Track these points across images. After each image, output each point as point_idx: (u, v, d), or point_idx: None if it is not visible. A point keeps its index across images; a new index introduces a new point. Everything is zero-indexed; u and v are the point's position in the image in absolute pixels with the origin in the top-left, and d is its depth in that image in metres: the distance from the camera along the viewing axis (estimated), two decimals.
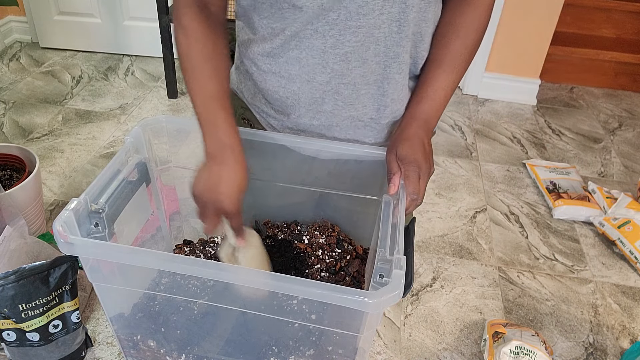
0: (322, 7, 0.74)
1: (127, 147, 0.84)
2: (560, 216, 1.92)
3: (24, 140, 2.13)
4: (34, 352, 1.14)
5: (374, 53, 0.80)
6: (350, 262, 0.94)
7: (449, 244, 1.78)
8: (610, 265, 1.74)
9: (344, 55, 0.79)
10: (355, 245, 0.99)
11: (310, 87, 0.84)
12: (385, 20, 0.76)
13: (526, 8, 2.44)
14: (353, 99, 0.85)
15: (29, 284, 1.05)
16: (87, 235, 0.74)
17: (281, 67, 0.84)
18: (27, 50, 2.86)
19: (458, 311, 1.52)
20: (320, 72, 0.82)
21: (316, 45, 0.79)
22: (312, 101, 0.86)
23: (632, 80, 2.89)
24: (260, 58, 0.86)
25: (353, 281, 0.92)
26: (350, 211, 0.99)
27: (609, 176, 2.22)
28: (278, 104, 0.89)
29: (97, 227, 0.76)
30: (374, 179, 0.89)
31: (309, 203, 0.99)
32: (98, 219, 0.75)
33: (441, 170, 2.14)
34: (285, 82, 0.85)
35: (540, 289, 1.62)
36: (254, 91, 0.92)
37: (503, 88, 2.69)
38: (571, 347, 1.45)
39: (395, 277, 0.65)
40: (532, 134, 2.46)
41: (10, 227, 1.17)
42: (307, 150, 0.91)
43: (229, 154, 0.75)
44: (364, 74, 0.82)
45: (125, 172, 0.82)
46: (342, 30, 0.76)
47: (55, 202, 1.81)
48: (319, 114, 0.87)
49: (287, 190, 0.96)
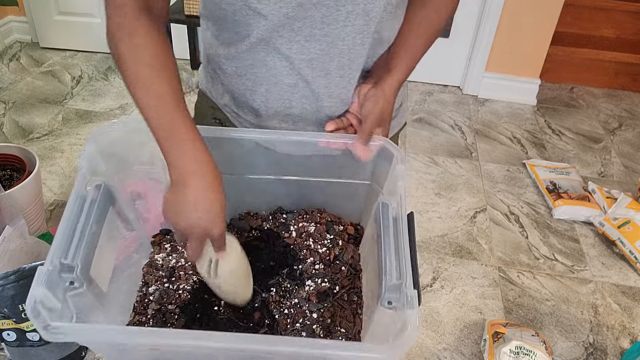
0: (286, 16, 0.74)
1: (84, 175, 0.75)
2: (560, 216, 1.92)
3: (24, 140, 2.13)
4: (34, 352, 1.14)
5: (337, 66, 0.80)
6: (344, 249, 0.93)
7: (449, 244, 1.78)
8: (610, 265, 1.74)
9: (309, 62, 0.79)
10: (345, 225, 0.97)
11: (278, 90, 0.83)
12: (349, 33, 0.77)
13: (526, 8, 2.44)
14: (318, 107, 0.86)
15: (29, 284, 1.05)
16: (63, 299, 0.66)
17: (247, 69, 0.83)
18: (27, 50, 2.86)
19: (458, 311, 1.52)
20: (287, 75, 0.81)
21: (282, 50, 0.78)
22: (280, 104, 0.85)
23: (632, 80, 2.89)
24: (225, 62, 0.84)
25: (350, 271, 0.90)
26: (338, 195, 0.97)
27: (609, 176, 2.22)
28: (247, 105, 0.88)
29: (73, 285, 0.68)
30: (364, 164, 0.88)
31: (293, 193, 0.97)
32: (73, 277, 0.68)
33: (441, 170, 2.14)
34: (252, 85, 0.84)
35: (540, 289, 1.62)
36: (223, 91, 0.91)
37: (503, 88, 2.69)
38: (571, 347, 1.45)
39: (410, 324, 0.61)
40: (532, 134, 2.46)
41: (10, 227, 1.17)
42: (282, 149, 0.90)
43: (204, 170, 0.68)
44: (327, 85, 0.83)
45: (86, 208, 0.74)
46: (307, 37, 0.76)
47: (55, 202, 1.81)
48: (287, 117, 0.87)
49: (268, 182, 0.93)
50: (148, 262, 0.89)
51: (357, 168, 0.90)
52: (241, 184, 0.93)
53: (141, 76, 0.69)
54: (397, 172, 0.80)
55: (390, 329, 0.68)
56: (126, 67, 0.69)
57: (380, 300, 0.69)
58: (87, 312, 0.72)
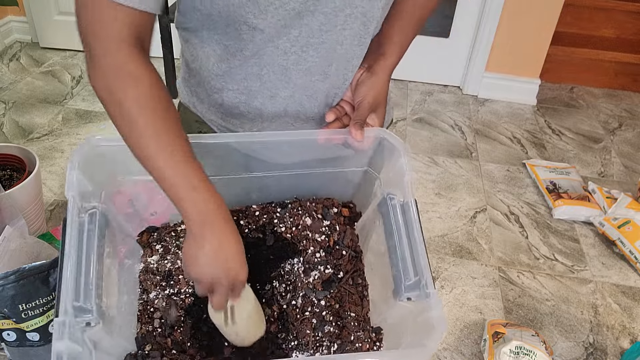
0: (283, 26, 0.70)
1: (74, 204, 0.72)
2: (560, 216, 1.92)
3: (24, 140, 2.13)
4: (34, 352, 1.14)
5: (335, 69, 0.78)
6: (342, 234, 0.92)
7: (449, 244, 1.78)
8: (610, 265, 1.74)
9: (307, 70, 0.76)
10: (339, 207, 0.96)
11: (274, 102, 0.80)
12: (347, 36, 0.74)
13: (526, 8, 2.44)
14: (314, 112, 0.84)
15: (29, 284, 1.05)
16: (82, 339, 0.65)
17: (239, 84, 0.78)
18: (27, 50, 2.86)
19: (458, 311, 1.52)
20: (283, 88, 0.78)
21: (277, 62, 0.74)
22: (274, 114, 0.82)
23: (632, 80, 2.89)
24: (215, 77, 0.79)
25: (351, 254, 0.90)
26: (329, 179, 0.95)
27: (609, 176, 2.22)
28: (238, 118, 0.84)
29: (89, 325, 0.67)
30: (361, 153, 0.87)
31: (284, 183, 0.95)
32: (89, 318, 0.66)
33: (441, 170, 2.14)
34: (246, 98, 0.80)
35: (540, 289, 1.62)
36: (209, 105, 0.85)
37: (503, 88, 2.69)
38: (571, 347, 1.45)
39: (440, 325, 0.63)
40: (532, 134, 2.46)
41: (10, 227, 1.17)
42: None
43: (220, 217, 0.65)
44: (327, 89, 0.81)
45: (85, 240, 0.71)
46: (304, 47, 0.73)
47: (55, 202, 1.81)
48: (281, 125, 0.85)
49: (258, 176, 0.89)
50: (143, 267, 0.87)
51: (353, 157, 0.88)
52: (230, 181, 0.91)
53: (151, 128, 0.63)
54: (401, 165, 0.79)
55: (409, 322, 0.69)
56: (131, 118, 0.63)
57: (398, 297, 0.70)
58: (101, 342, 0.71)
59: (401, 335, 0.74)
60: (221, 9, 0.68)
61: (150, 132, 0.63)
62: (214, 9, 0.68)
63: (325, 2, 0.69)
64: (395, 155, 0.82)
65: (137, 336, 0.80)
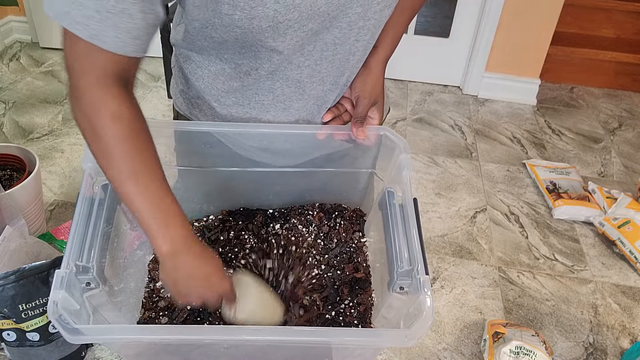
0: (300, 45, 0.70)
1: (89, 175, 0.75)
2: (560, 216, 1.92)
3: (24, 140, 2.13)
4: (34, 352, 1.14)
5: (347, 78, 0.80)
6: (349, 240, 0.94)
7: (449, 244, 1.78)
8: (610, 265, 1.74)
9: (320, 80, 0.77)
10: (345, 212, 0.97)
11: (287, 114, 0.80)
12: (359, 47, 0.75)
13: (526, 8, 2.44)
14: (324, 110, 0.84)
15: (29, 284, 1.05)
16: (81, 300, 0.68)
17: (251, 98, 0.78)
18: (27, 50, 2.86)
19: (458, 311, 1.52)
20: (297, 100, 0.78)
21: (291, 76, 0.74)
22: (286, 121, 0.83)
23: (632, 80, 2.89)
24: (225, 94, 0.79)
25: (355, 259, 0.91)
26: (338, 184, 0.96)
27: (609, 176, 2.22)
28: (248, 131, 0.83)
29: (89, 285, 0.70)
30: (365, 151, 0.88)
31: (293, 184, 0.96)
32: (89, 278, 0.70)
33: (441, 170, 2.14)
34: (257, 112, 0.80)
35: (540, 289, 1.62)
36: (213, 117, 0.84)
37: (503, 88, 2.69)
38: (571, 347, 1.45)
39: (426, 312, 0.64)
40: (532, 134, 2.46)
41: (10, 227, 1.17)
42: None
43: (189, 244, 0.67)
44: (336, 97, 0.82)
45: (95, 209, 0.74)
46: (318, 61, 0.73)
47: (55, 202, 1.81)
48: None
49: (267, 174, 0.90)
50: (153, 258, 0.91)
51: (358, 156, 0.89)
52: (238, 176, 0.91)
53: (127, 164, 0.64)
54: (401, 161, 0.81)
55: (402, 313, 0.70)
56: (117, 158, 0.63)
57: (392, 286, 0.71)
58: (101, 310, 0.73)
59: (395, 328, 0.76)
60: (238, 36, 0.67)
61: (127, 169, 0.64)
62: (229, 35, 0.68)
63: (342, 18, 0.69)
64: (396, 152, 0.83)
65: (140, 321, 0.83)
